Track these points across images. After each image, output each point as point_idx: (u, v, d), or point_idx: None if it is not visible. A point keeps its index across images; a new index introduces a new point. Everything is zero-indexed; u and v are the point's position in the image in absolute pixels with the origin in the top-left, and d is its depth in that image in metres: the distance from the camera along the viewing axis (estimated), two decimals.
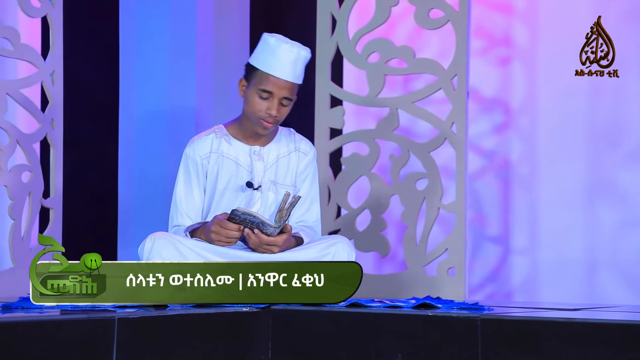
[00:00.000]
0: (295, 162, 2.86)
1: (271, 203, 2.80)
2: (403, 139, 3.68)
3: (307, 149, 2.90)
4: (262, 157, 2.83)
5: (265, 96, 2.76)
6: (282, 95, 2.76)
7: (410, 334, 2.32)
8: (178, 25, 3.95)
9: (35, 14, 3.46)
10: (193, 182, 2.83)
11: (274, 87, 2.75)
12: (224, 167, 2.81)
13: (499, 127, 3.93)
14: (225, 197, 2.80)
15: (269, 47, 2.78)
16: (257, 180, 2.81)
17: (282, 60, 2.75)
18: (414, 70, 3.68)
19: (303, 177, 2.88)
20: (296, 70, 2.78)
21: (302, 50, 2.80)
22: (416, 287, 3.55)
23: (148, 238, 2.62)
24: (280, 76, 2.75)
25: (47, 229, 3.48)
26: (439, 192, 3.61)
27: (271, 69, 2.75)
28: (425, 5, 3.63)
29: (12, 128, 3.38)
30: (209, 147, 2.83)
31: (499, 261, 3.91)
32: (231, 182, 2.81)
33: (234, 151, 2.83)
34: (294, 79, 2.78)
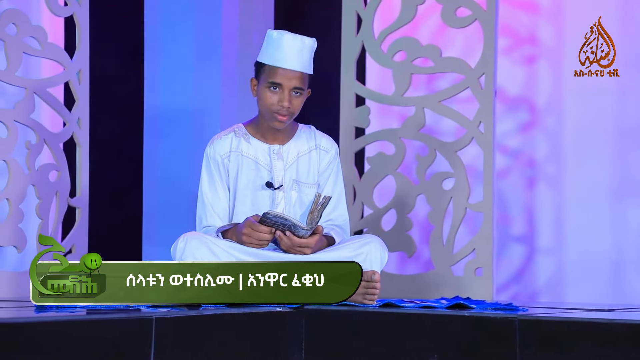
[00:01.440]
0: (316, 160, 2.85)
1: (295, 202, 2.79)
2: (430, 138, 3.67)
3: (328, 146, 2.88)
4: (282, 155, 2.83)
5: (276, 89, 2.76)
6: (292, 85, 2.76)
7: (446, 334, 2.31)
8: (203, 24, 3.94)
9: (62, 13, 3.47)
10: (217, 181, 2.82)
11: (282, 78, 2.75)
12: (244, 167, 2.81)
13: (524, 126, 3.91)
14: (248, 196, 2.80)
15: (273, 41, 2.79)
16: (277, 180, 2.80)
17: (287, 51, 2.76)
18: (441, 69, 3.66)
19: (326, 175, 2.86)
20: (303, 59, 2.78)
21: (305, 39, 2.81)
22: (443, 287, 3.54)
23: (181, 238, 2.61)
24: (287, 66, 2.76)
25: (73, 228, 3.48)
26: (466, 191, 3.59)
27: (277, 61, 2.76)
28: (452, 3, 3.61)
29: (40, 127, 3.38)
30: (228, 146, 2.83)
31: (524, 261, 3.89)
32: (251, 181, 2.80)
33: (253, 150, 2.82)
34: (302, 68, 2.78)
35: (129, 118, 4.05)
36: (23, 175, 3.30)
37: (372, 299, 2.56)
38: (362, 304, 2.57)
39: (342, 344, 2.43)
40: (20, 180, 3.28)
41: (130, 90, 4.04)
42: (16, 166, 3.28)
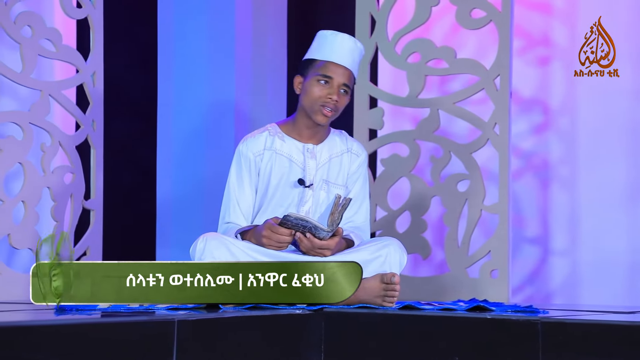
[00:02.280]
0: (347, 163, 2.87)
1: (322, 202, 2.80)
2: (444, 139, 3.66)
3: (359, 151, 2.92)
4: (315, 155, 2.84)
5: (325, 82, 2.78)
6: (341, 81, 2.80)
7: (467, 337, 2.30)
8: (216, 26, 3.94)
9: (76, 15, 3.46)
10: (245, 179, 2.82)
11: (334, 72, 2.79)
12: (277, 164, 2.82)
13: (538, 127, 3.90)
14: (278, 193, 2.80)
15: (326, 39, 2.84)
16: (309, 178, 2.81)
17: (340, 48, 2.81)
18: (455, 71, 3.65)
19: (354, 179, 2.88)
20: (354, 59, 2.84)
21: (358, 42, 2.88)
22: (458, 290, 3.53)
23: (200, 239, 2.61)
24: (339, 62, 2.80)
25: (87, 230, 3.48)
26: (481, 193, 3.58)
27: (330, 56, 2.80)
28: (466, 5, 3.61)
29: (55, 129, 3.38)
30: (262, 145, 2.83)
31: (538, 263, 3.88)
32: (284, 178, 2.81)
33: (288, 148, 2.83)
34: (352, 67, 2.83)
35: (142, 119, 4.04)
36: (38, 177, 3.30)
37: (391, 302, 2.55)
38: (381, 306, 2.57)
39: (362, 346, 2.42)
40: (35, 182, 3.28)
41: (144, 92, 4.04)
42: (31, 168, 3.28)
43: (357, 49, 2.86)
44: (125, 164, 3.95)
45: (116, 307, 2.48)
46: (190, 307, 2.48)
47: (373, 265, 2.63)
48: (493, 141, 3.57)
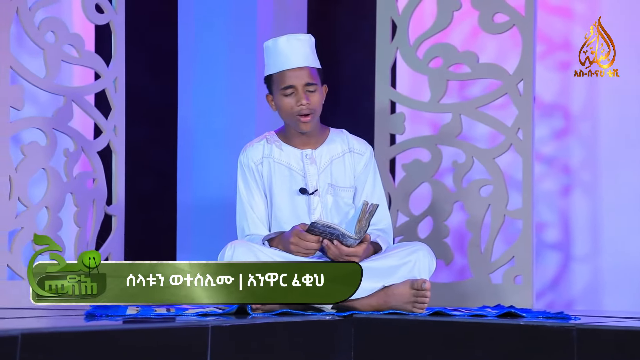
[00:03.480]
0: (350, 163, 2.82)
1: (331, 206, 2.77)
2: (467, 144, 3.64)
3: (362, 149, 2.85)
4: (315, 160, 2.81)
5: (290, 92, 2.75)
6: (303, 82, 2.75)
7: (500, 343, 2.28)
8: (237, 31, 3.93)
9: (99, 20, 3.46)
10: (253, 188, 2.81)
11: (291, 79, 2.75)
12: (277, 173, 2.79)
13: (559, 132, 3.88)
14: (285, 202, 2.78)
15: (270, 50, 2.80)
16: (312, 185, 2.78)
17: (285, 53, 2.75)
18: (478, 75, 3.64)
19: (364, 179, 2.83)
20: (305, 54, 2.77)
21: (300, 35, 2.81)
22: (481, 295, 3.51)
23: (228, 246, 2.60)
24: (292, 66, 2.75)
25: (109, 236, 3.47)
26: (504, 198, 3.56)
27: (280, 66, 2.76)
28: (489, 9, 3.59)
29: (77, 135, 3.38)
30: (260, 153, 2.82)
31: (560, 268, 3.86)
32: (286, 188, 2.78)
33: (286, 156, 2.81)
34: (306, 62, 2.76)
35: (162, 125, 4.04)
36: (61, 183, 3.29)
37: (422, 307, 2.54)
38: (411, 312, 2.55)
39: (392, 352, 2.41)
40: (58, 188, 3.27)
41: (163, 97, 4.03)
42: (55, 174, 3.27)
43: (303, 42, 2.79)
44: (145, 170, 3.94)
45: (144, 312, 2.47)
46: (219, 313, 2.47)
47: (402, 270, 2.61)
48: (516, 146, 3.56)
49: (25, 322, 2.16)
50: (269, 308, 2.53)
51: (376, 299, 2.58)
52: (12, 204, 3.10)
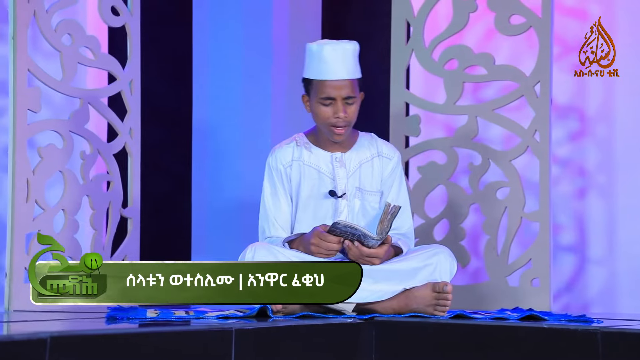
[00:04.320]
0: (379, 168, 2.81)
1: (358, 210, 2.76)
2: (483, 146, 3.63)
3: (390, 154, 2.85)
4: (344, 163, 2.80)
5: (328, 102, 2.73)
6: (343, 95, 2.73)
7: (523, 346, 2.27)
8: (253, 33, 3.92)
9: (114, 23, 3.46)
10: (279, 191, 2.79)
11: (332, 90, 2.72)
12: (306, 176, 2.78)
13: (574, 134, 3.87)
14: (310, 205, 2.77)
15: (314, 55, 2.75)
16: (340, 188, 2.77)
17: (330, 62, 2.72)
18: (494, 77, 3.63)
19: (390, 183, 2.83)
20: (348, 66, 2.74)
21: (346, 44, 2.76)
22: (498, 298, 3.49)
23: (248, 248, 2.59)
24: (334, 77, 2.72)
25: (125, 239, 3.46)
26: (521, 201, 3.55)
27: (323, 75, 2.72)
28: (505, 11, 3.58)
29: (94, 137, 3.37)
30: (290, 156, 2.80)
31: (575, 271, 3.84)
32: (314, 190, 2.77)
33: (315, 159, 2.80)
34: (349, 75, 2.74)
35: (176, 127, 4.03)
36: (78, 185, 3.29)
37: (443, 310, 2.53)
38: (432, 315, 2.54)
39: (413, 355, 2.40)
40: (75, 190, 3.27)
41: (178, 99, 4.03)
42: (72, 177, 3.27)
43: (348, 52, 2.75)
44: (160, 172, 3.93)
45: (164, 315, 2.46)
46: (239, 315, 2.46)
47: (423, 273, 2.60)
48: (533, 148, 3.54)
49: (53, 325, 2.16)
50: (290, 311, 2.52)
51: (397, 302, 2.57)
52: (29, 207, 3.10)
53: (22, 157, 3.10)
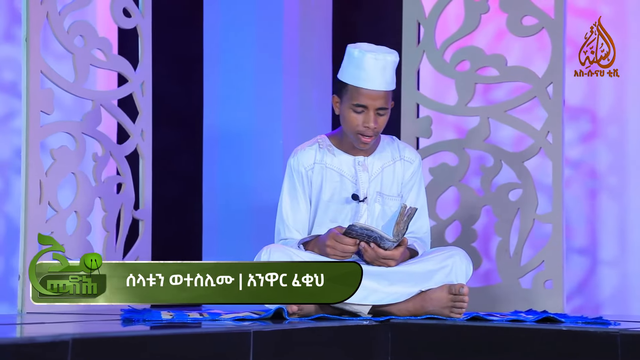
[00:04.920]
0: (400, 171, 2.80)
1: (378, 215, 2.75)
2: (495, 148, 3.62)
3: (412, 157, 2.84)
4: (367, 167, 2.78)
5: (360, 110, 2.70)
6: (376, 106, 2.70)
7: (540, 349, 2.26)
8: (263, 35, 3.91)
9: (126, 24, 3.45)
10: (299, 194, 2.78)
11: (367, 99, 2.68)
12: (328, 179, 2.77)
13: (586, 136, 3.86)
14: (331, 209, 2.75)
15: (354, 60, 2.71)
16: (363, 192, 2.76)
17: (370, 71, 2.68)
18: (506, 79, 3.62)
19: (409, 187, 2.82)
20: (386, 77, 2.70)
21: (387, 55, 2.71)
22: (510, 300, 3.48)
23: (263, 250, 2.58)
24: (371, 87, 2.68)
25: (137, 241, 3.45)
26: (534, 202, 3.54)
27: (360, 82, 2.68)
28: (517, 12, 3.57)
29: (106, 139, 3.37)
30: (312, 158, 2.78)
31: (587, 273, 3.83)
32: (335, 194, 2.76)
33: (338, 162, 2.78)
34: (386, 86, 2.71)
35: (187, 129, 4.02)
36: (90, 187, 3.28)
37: (459, 312, 2.52)
38: (449, 317, 2.53)
39: (430, 357, 2.39)
40: (87, 192, 3.26)
41: (189, 102, 4.02)
42: (84, 178, 3.26)
43: (389, 63, 2.70)
44: (170, 174, 3.93)
45: (179, 317, 2.45)
46: (255, 317, 2.45)
47: (439, 275, 2.59)
48: (546, 150, 3.53)
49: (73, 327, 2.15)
50: (306, 313, 2.51)
51: (413, 304, 2.56)
52: (42, 209, 3.09)
53: (35, 158, 3.09)
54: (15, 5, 3.56)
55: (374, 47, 2.74)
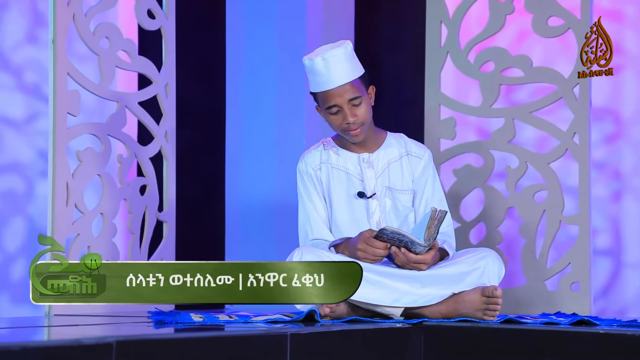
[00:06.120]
0: (408, 167, 2.81)
1: (389, 210, 2.75)
2: (521, 149, 3.60)
3: (420, 152, 2.84)
4: (372, 164, 2.79)
5: (334, 111, 2.74)
6: (346, 99, 2.72)
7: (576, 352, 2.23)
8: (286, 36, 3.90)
9: (151, 26, 3.45)
10: (313, 195, 2.80)
11: (334, 99, 2.72)
12: (335, 178, 2.79)
13: (610, 137, 3.83)
14: (344, 206, 2.77)
15: (309, 70, 2.77)
16: (370, 189, 2.77)
17: (323, 73, 2.72)
18: (531, 80, 3.60)
19: (423, 182, 2.81)
20: (342, 70, 2.72)
21: (334, 51, 2.73)
22: (536, 302, 3.46)
23: (295, 252, 2.57)
24: (332, 86, 2.72)
25: (161, 242, 3.45)
26: (560, 204, 3.52)
27: (321, 86, 2.73)
28: (543, 12, 3.55)
29: (130, 141, 3.36)
30: (318, 159, 2.82)
31: (611, 275, 3.81)
32: (344, 192, 2.78)
33: (343, 161, 2.80)
34: (347, 78, 2.72)
35: (209, 131, 4.01)
36: (116, 189, 3.27)
37: (493, 315, 2.50)
38: (482, 320, 2.51)
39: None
40: (113, 194, 3.25)
41: (211, 103, 4.01)
42: (109, 180, 3.26)
43: (340, 57, 2.72)
44: (193, 176, 3.92)
45: (209, 319, 2.44)
46: (287, 320, 2.44)
47: (471, 277, 2.57)
48: (572, 151, 3.51)
49: (118, 329, 2.14)
50: (338, 315, 2.50)
51: (445, 306, 2.55)
52: (69, 211, 3.09)
53: (62, 161, 3.09)
54: (38, 7, 3.56)
55: (321, 49, 2.78)
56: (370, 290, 2.51)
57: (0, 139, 3.48)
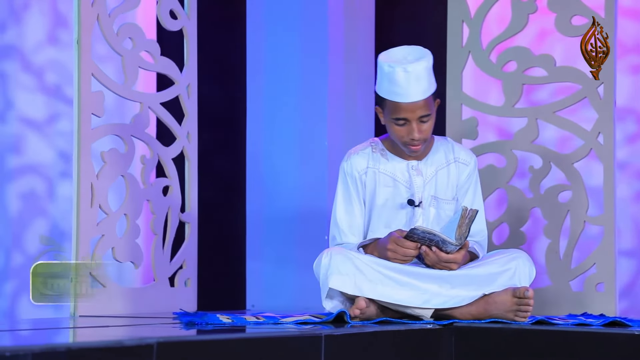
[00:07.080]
0: (455, 174, 2.76)
1: (432, 219, 2.71)
2: (544, 149, 3.58)
3: (467, 159, 2.80)
4: (421, 171, 2.75)
5: (402, 122, 2.66)
6: (417, 116, 2.65)
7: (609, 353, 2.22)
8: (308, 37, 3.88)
9: (173, 27, 3.44)
10: (353, 198, 2.75)
11: (406, 113, 2.65)
12: (381, 184, 2.74)
13: (632, 137, 3.81)
14: (385, 214, 2.72)
15: (385, 75, 2.66)
16: (417, 197, 2.72)
17: (403, 85, 2.63)
18: (555, 79, 3.57)
19: (465, 189, 2.78)
20: (421, 86, 2.65)
21: (417, 64, 2.65)
22: (560, 303, 3.43)
23: (324, 254, 2.55)
24: (408, 100, 2.63)
25: (183, 244, 3.44)
26: (584, 204, 3.49)
27: (396, 97, 2.64)
28: (567, 11, 3.53)
29: (153, 142, 3.35)
30: (365, 162, 2.75)
31: (633, 275, 3.78)
32: (389, 199, 2.73)
33: (391, 167, 2.75)
34: (422, 95, 2.65)
35: (230, 132, 4.00)
36: (139, 190, 3.27)
37: (524, 316, 2.48)
38: (513, 321, 2.49)
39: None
40: (136, 195, 3.25)
41: (232, 104, 4.00)
42: (133, 181, 3.25)
43: (421, 72, 2.64)
44: (214, 177, 3.90)
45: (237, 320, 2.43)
46: (316, 321, 2.42)
47: (502, 278, 2.55)
48: (597, 151, 3.49)
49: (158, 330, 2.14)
50: (367, 316, 2.48)
51: (476, 308, 2.52)
52: (93, 212, 3.08)
53: (87, 161, 3.08)
54: (59, 8, 3.55)
55: (402, 55, 2.68)
56: (400, 291, 2.49)
57: (22, 140, 3.47)
